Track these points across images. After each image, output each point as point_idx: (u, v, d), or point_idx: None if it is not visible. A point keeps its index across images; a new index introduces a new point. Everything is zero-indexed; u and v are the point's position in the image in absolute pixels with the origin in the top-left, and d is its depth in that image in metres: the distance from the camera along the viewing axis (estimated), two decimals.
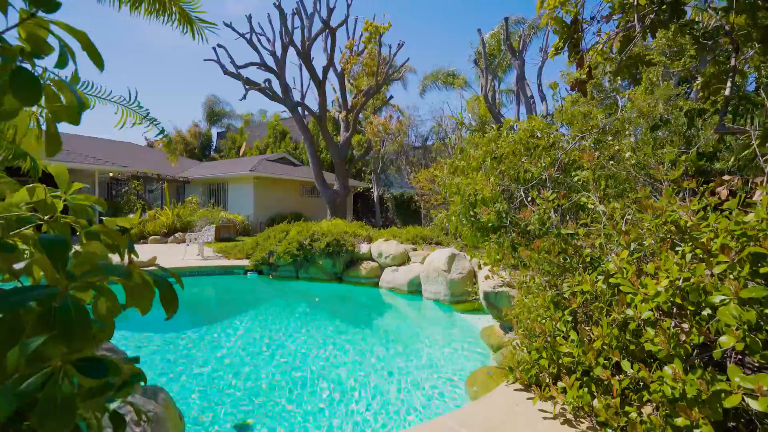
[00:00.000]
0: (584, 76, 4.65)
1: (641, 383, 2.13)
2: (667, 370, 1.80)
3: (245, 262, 9.64)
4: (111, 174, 17.41)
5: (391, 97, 19.55)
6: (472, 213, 5.22)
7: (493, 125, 7.28)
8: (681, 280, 2.06)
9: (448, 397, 3.66)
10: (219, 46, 15.86)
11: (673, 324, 2.07)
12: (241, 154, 30.15)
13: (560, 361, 2.53)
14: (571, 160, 5.19)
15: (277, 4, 15.19)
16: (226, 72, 15.87)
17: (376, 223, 24.26)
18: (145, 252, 10.49)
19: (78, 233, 1.51)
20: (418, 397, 3.69)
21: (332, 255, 8.56)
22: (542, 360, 2.62)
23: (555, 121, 7.76)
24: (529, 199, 4.53)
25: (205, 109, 37.67)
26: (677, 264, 1.95)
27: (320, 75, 16.55)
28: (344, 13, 15.82)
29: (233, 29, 15.96)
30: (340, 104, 18.63)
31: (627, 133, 6.64)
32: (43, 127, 2.71)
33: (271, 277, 9.14)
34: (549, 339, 2.65)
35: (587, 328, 2.60)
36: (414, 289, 7.64)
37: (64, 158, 15.44)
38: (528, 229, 3.38)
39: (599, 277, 2.46)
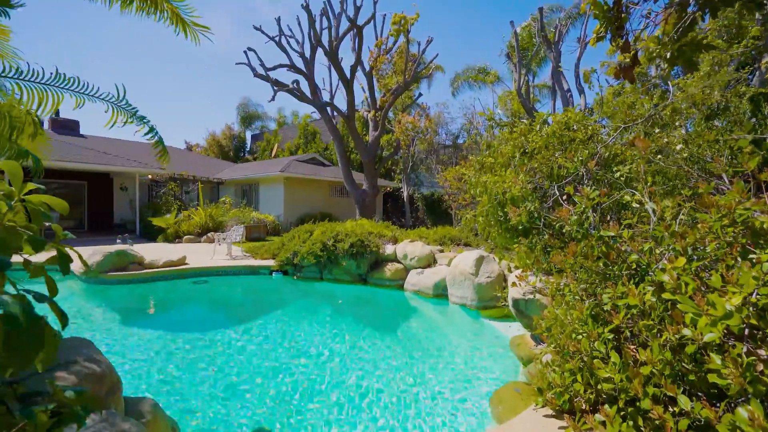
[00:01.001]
0: (629, 61, 4.16)
1: (703, 421, 1.73)
2: (742, 412, 1.41)
3: (271, 263, 9.63)
4: (150, 176, 18.15)
5: (420, 94, 19.17)
6: (500, 213, 4.84)
7: (526, 120, 6.84)
8: (755, 296, 1.65)
9: (472, 416, 3.33)
10: (249, 49, 16.12)
11: (744, 349, 1.66)
12: (273, 155, 30.74)
13: (599, 387, 2.15)
14: (612, 154, 4.69)
15: (305, 5, 15.24)
16: (256, 74, 16.11)
17: (405, 223, 23.96)
18: (178, 251, 10.74)
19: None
20: (439, 413, 3.38)
21: (356, 256, 8.36)
22: (576, 384, 2.25)
23: (594, 113, 7.17)
24: (564, 197, 4.10)
25: (238, 112, 38.78)
26: (755, 277, 1.55)
27: (348, 75, 16.47)
28: (371, 11, 15.62)
29: (263, 32, 16.18)
30: (369, 104, 18.50)
31: (677, 124, 5.99)
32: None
33: (295, 277, 9.07)
34: (585, 359, 2.28)
35: (632, 347, 2.20)
36: (440, 293, 7.29)
37: (108, 161, 16.25)
38: (563, 230, 2.99)
39: (648, 288, 2.07)
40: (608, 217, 4.06)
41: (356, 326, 5.94)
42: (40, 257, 1.38)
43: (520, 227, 4.24)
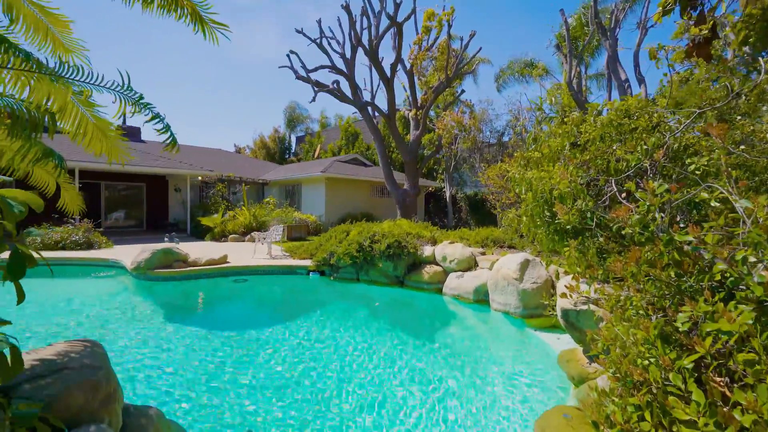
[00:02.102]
0: (708, 32, 3.54)
1: None
2: None
3: (309, 263, 9.61)
4: (200, 177, 19.03)
5: (463, 91, 18.56)
6: (547, 213, 4.36)
7: (577, 112, 6.20)
8: None
9: None
10: (291, 52, 16.41)
11: None
12: (315, 156, 31.31)
13: (674, 430, 1.71)
14: (684, 145, 4.05)
15: (345, 5, 15.24)
16: (297, 77, 16.37)
17: (448, 223, 23.37)
18: (221, 250, 11.06)
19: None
20: None
21: (393, 257, 8.09)
22: (644, 423, 1.81)
23: (657, 103, 6.38)
24: (624, 194, 3.57)
25: (285, 115, 40.02)
26: None
27: (388, 73, 16.28)
28: (410, 7, 15.30)
29: (305, 35, 16.42)
30: (411, 102, 18.19)
31: (765, 109, 5.14)
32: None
33: (332, 278, 8.97)
34: (656, 392, 1.84)
35: (718, 381, 1.74)
36: (481, 298, 6.83)
37: (164, 164, 17.24)
38: (623, 232, 2.53)
39: (742, 308, 1.61)
40: (678, 218, 3.48)
41: (391, 332, 5.66)
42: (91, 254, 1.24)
43: (570, 228, 3.76)
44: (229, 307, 7.51)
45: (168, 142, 2.43)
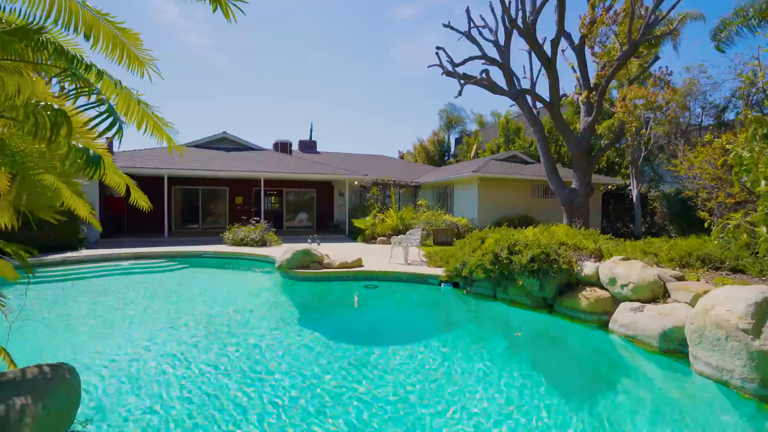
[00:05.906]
0: None
1: None
2: None
3: (442, 272, 8.59)
4: (356, 182, 20.24)
5: (657, 58, 14.29)
6: None
7: None
8: None
9: None
10: (439, 48, 15.66)
11: None
12: (472, 156, 29.91)
13: None
14: None
15: None
16: (445, 73, 15.50)
17: (635, 230, 18.67)
18: (361, 252, 11.10)
19: None
20: None
21: (538, 273, 6.29)
22: None
23: None
24: None
25: (442, 117, 39.89)
26: None
27: (549, 53, 13.77)
28: None
29: (453, 29, 15.45)
30: (581, 84, 15.05)
31: None
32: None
33: (465, 292, 7.70)
34: None
35: None
36: (673, 349, 4.49)
37: (328, 171, 19.06)
38: None
39: None
40: None
41: (533, 383, 4.03)
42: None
43: None
44: (353, 315, 7.12)
45: (110, 130, 1.89)
